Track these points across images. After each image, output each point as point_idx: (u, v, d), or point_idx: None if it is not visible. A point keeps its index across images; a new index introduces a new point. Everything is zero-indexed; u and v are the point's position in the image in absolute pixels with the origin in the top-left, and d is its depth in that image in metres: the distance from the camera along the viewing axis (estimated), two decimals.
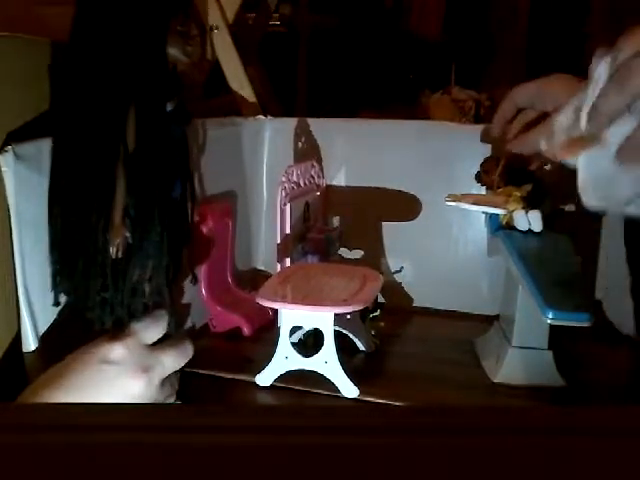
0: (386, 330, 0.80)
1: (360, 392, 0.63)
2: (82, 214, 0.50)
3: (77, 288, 0.51)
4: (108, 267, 0.50)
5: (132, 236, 0.50)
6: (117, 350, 0.48)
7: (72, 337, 0.52)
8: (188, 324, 0.75)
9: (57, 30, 0.60)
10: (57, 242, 0.51)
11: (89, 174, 0.50)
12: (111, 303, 0.51)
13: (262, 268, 0.98)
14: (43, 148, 0.57)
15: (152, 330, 0.51)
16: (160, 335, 0.52)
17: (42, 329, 0.58)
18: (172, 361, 0.51)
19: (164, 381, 0.50)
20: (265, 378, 0.65)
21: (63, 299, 0.54)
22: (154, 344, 0.51)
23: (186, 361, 0.52)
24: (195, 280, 0.67)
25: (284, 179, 0.78)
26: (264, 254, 0.98)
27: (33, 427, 0.22)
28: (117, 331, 0.50)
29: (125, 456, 0.21)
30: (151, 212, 0.51)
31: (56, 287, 0.52)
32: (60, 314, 0.58)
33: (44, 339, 0.58)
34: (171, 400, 0.52)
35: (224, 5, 0.99)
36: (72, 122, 0.52)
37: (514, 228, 0.69)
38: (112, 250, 0.50)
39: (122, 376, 0.47)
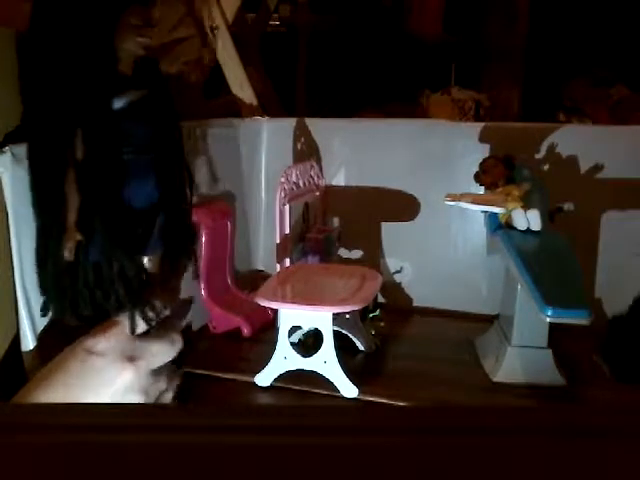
0: (386, 330, 0.80)
1: (360, 392, 0.63)
2: (40, 218, 0.51)
3: (45, 289, 0.52)
4: (63, 270, 0.51)
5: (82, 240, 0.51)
6: (101, 342, 0.47)
7: (71, 335, 0.52)
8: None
9: None
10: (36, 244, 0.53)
11: (43, 179, 0.51)
12: (72, 303, 0.51)
13: (262, 268, 0.98)
14: None
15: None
16: (145, 327, 0.52)
17: (41, 328, 0.58)
18: (160, 352, 0.50)
19: (156, 373, 0.50)
20: (264, 378, 0.65)
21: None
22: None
23: (175, 353, 0.51)
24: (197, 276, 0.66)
25: (283, 180, 0.78)
26: (263, 255, 0.98)
27: (32, 427, 0.22)
28: (102, 325, 0.50)
29: (124, 456, 0.21)
30: (96, 216, 0.51)
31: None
32: None
33: (43, 338, 0.58)
34: (169, 395, 0.51)
35: (224, 5, 0.99)
36: (29, 126, 0.53)
37: (513, 227, 0.69)
38: (66, 253, 0.51)
39: (108, 367, 0.46)
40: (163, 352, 0.50)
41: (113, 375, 0.47)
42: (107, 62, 0.54)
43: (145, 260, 0.63)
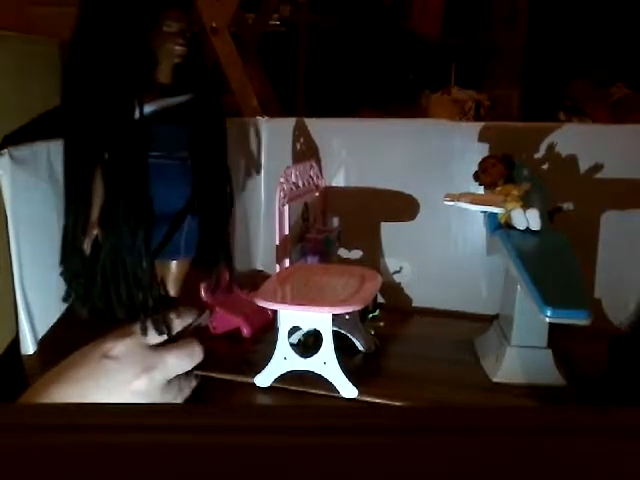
0: (386, 330, 0.80)
1: (359, 392, 0.63)
2: (68, 211, 0.54)
3: (68, 278, 0.54)
4: (82, 262, 0.52)
5: (101, 235, 0.52)
6: (117, 346, 0.48)
7: (72, 340, 0.53)
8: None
9: (50, 30, 0.60)
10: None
11: (73, 175, 0.53)
12: (86, 295, 0.52)
13: (261, 269, 0.98)
14: (38, 151, 0.57)
15: (154, 331, 0.51)
16: (162, 337, 0.52)
17: (41, 332, 0.58)
18: (176, 362, 0.51)
19: (170, 382, 0.50)
20: (264, 379, 0.65)
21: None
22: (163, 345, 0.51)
23: (194, 364, 0.52)
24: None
25: (282, 180, 0.78)
26: (263, 255, 0.97)
27: (33, 427, 0.22)
28: (121, 330, 0.51)
29: (125, 456, 0.21)
30: (117, 213, 0.52)
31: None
32: (60, 317, 0.58)
33: (43, 342, 0.58)
34: (177, 402, 0.52)
35: (224, 5, 0.99)
36: (64, 125, 0.55)
37: (513, 227, 0.69)
38: (84, 246, 0.52)
39: (123, 372, 0.47)
40: (178, 364, 0.51)
41: (126, 380, 0.47)
42: (140, 67, 0.55)
43: (173, 264, 0.64)
